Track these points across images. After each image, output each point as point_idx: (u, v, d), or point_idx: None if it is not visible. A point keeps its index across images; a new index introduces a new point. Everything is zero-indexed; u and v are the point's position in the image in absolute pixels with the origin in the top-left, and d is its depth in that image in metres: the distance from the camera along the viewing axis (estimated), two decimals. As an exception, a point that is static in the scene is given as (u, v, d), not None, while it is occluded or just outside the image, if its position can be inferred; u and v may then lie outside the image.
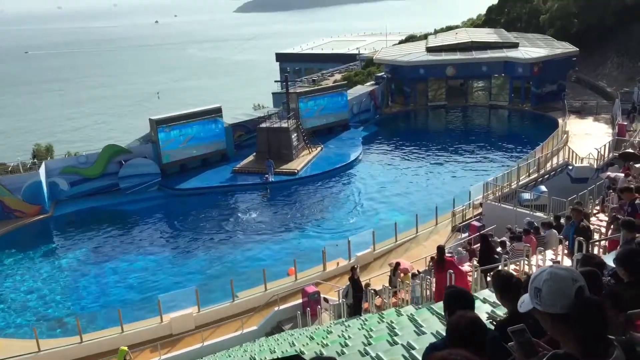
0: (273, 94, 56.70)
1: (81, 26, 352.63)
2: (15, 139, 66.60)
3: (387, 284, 16.48)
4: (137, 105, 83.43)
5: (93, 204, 30.04)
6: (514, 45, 46.13)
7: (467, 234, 20.93)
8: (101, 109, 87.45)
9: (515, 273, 9.09)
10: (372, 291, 16.17)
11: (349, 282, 16.27)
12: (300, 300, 18.49)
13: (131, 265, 23.86)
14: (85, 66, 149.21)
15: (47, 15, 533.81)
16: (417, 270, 16.36)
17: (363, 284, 16.54)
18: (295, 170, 32.77)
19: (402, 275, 16.08)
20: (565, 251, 11.86)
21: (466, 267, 14.31)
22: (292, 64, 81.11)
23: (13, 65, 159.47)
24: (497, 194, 23.32)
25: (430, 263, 15.04)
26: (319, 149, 36.60)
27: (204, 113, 34.37)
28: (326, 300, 18.14)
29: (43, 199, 28.86)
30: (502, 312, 5.92)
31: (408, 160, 35.28)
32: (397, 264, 16.85)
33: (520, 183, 24.45)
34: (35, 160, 32.67)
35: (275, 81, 53.92)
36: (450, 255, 15.19)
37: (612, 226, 10.83)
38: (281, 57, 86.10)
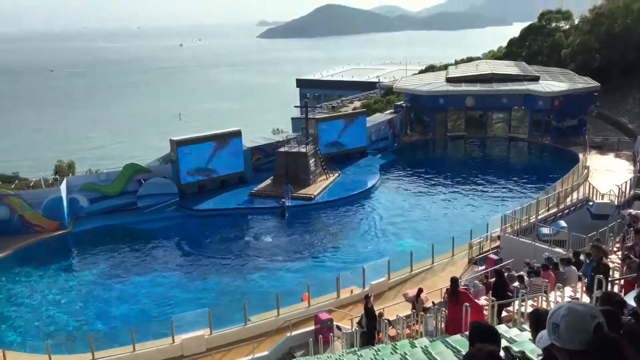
0: (292, 119, 57.17)
1: (105, 46, 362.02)
2: (38, 154, 67.85)
3: (401, 314, 16.32)
4: (158, 126, 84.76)
5: (111, 221, 30.33)
6: (535, 79, 46.14)
7: (484, 267, 20.68)
8: (123, 128, 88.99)
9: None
10: (386, 321, 16.02)
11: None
12: (312, 327, 18.35)
13: (146, 284, 23.94)
14: (108, 86, 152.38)
15: (73, 35, 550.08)
16: (432, 302, 16.20)
17: (377, 313, 16.40)
18: (312, 196, 32.85)
19: (424, 302, 15.95)
20: (584, 288, 11.68)
21: (482, 300, 14.14)
22: (312, 90, 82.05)
23: (38, 82, 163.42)
24: (515, 227, 23.08)
25: (446, 295, 14.88)
26: (336, 175, 36.72)
27: (224, 135, 34.81)
28: (339, 328, 17.99)
29: (63, 214, 29.24)
30: (520, 348, 5.86)
31: (425, 189, 35.18)
32: (420, 290, 16.74)
33: (539, 217, 24.18)
34: (57, 176, 33.19)
35: (295, 106, 54.52)
36: (465, 287, 15.02)
37: (624, 265, 10.71)
38: (301, 83, 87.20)
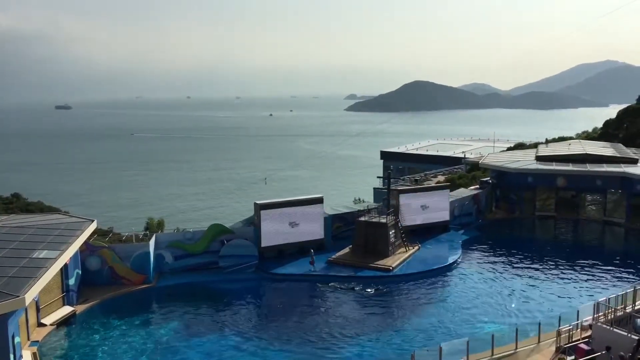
0: (374, 189, 57.42)
1: (206, 115, 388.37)
2: (133, 212, 72.09)
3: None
4: (244, 189, 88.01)
5: (192, 279, 31.21)
6: (633, 161, 43.88)
7: (573, 357, 19.13)
8: (212, 189, 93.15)
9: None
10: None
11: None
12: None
13: (216, 345, 23.86)
14: (202, 149, 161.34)
15: (178, 104, 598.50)
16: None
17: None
18: (390, 267, 32.25)
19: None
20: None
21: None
22: (395, 163, 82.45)
23: (134, 145, 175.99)
24: (609, 317, 21.29)
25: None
26: (415, 248, 35.99)
27: (306, 202, 35.44)
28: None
29: (149, 269, 30.52)
30: None
31: (510, 269, 33.49)
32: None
33: (636, 307, 22.22)
34: (147, 232, 34.91)
35: (378, 177, 54.89)
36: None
37: None
38: (385, 155, 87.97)
